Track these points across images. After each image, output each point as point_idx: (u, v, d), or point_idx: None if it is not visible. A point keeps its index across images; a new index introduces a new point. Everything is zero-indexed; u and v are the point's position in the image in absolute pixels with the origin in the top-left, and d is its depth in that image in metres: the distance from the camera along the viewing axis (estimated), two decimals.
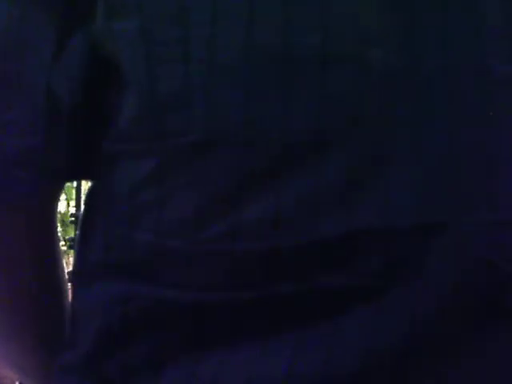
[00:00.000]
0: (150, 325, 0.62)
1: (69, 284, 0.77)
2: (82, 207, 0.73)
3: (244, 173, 0.59)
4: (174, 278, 0.61)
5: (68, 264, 3.36)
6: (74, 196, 4.42)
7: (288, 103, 0.58)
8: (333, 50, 0.58)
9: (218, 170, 0.59)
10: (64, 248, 4.22)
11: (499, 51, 0.60)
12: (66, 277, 0.77)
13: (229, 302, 0.60)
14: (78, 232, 0.70)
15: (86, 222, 0.69)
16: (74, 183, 4.06)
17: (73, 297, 0.69)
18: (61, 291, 0.75)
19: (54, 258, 0.75)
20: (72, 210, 4.77)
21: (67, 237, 4.49)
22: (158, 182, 0.61)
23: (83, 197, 3.52)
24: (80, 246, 0.68)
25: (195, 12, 0.59)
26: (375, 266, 0.58)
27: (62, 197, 4.55)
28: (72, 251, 4.02)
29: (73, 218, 4.39)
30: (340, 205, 0.58)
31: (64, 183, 0.74)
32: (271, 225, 0.59)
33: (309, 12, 0.58)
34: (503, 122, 0.60)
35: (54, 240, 0.75)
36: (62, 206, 4.92)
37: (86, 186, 3.62)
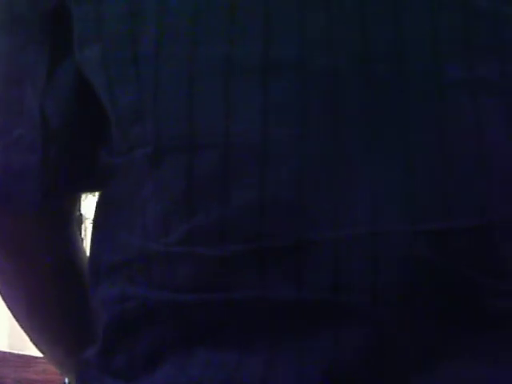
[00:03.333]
0: (142, 324, 0.66)
1: None
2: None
3: (192, 181, 0.61)
4: (155, 279, 0.64)
5: None
6: None
7: (230, 109, 0.60)
8: (274, 58, 0.60)
9: (171, 178, 0.62)
10: None
11: (452, 56, 0.61)
12: None
13: (199, 303, 0.62)
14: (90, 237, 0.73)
15: (94, 227, 0.73)
16: None
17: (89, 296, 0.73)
18: (83, 290, 0.77)
19: (72, 261, 0.80)
20: None
21: None
22: (138, 192, 0.65)
23: None
24: (91, 250, 0.72)
25: (143, 33, 0.64)
26: (326, 278, 0.59)
27: None
28: None
29: None
30: (287, 215, 0.59)
31: (74, 196, 0.79)
32: (218, 232, 0.61)
33: (252, 23, 0.61)
34: (455, 126, 0.60)
35: (69, 249, 0.80)
36: None
37: None
